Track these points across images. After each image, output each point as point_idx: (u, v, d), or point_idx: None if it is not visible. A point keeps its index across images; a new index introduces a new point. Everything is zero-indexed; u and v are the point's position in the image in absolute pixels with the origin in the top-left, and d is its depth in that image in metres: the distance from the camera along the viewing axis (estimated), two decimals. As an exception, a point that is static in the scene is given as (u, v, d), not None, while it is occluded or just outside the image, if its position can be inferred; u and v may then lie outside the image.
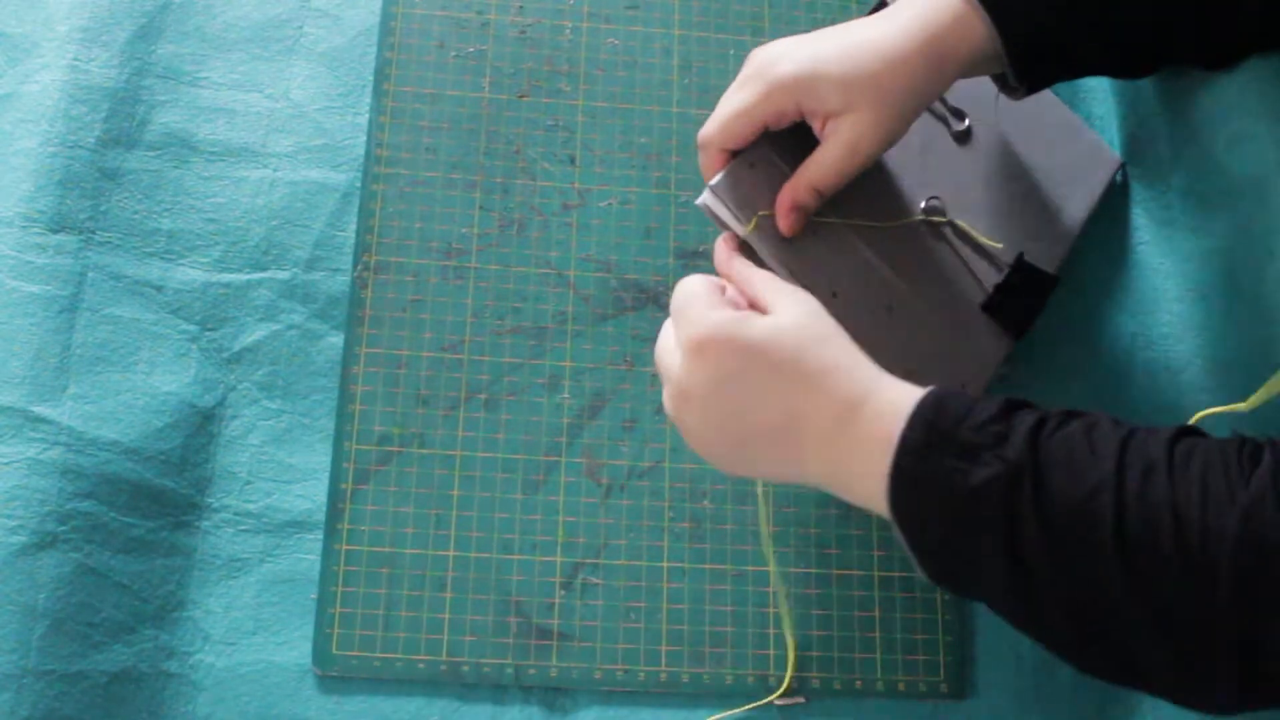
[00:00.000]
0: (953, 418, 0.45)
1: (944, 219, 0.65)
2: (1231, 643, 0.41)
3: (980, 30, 0.54)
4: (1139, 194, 0.71)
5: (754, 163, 0.58)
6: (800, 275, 0.58)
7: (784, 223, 0.56)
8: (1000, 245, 0.66)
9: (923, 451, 0.45)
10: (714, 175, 0.57)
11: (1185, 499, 0.41)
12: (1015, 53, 0.55)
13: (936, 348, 0.60)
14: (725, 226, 0.58)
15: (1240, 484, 0.41)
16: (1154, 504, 0.42)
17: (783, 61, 0.54)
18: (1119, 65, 0.61)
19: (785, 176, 0.57)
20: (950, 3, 0.54)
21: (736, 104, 0.55)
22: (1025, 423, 0.45)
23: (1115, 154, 0.72)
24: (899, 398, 0.47)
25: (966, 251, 0.65)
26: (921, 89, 0.55)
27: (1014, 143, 0.69)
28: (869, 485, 0.47)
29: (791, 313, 0.50)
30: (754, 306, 0.52)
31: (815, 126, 0.55)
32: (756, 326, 0.49)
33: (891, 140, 0.55)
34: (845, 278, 0.60)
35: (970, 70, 0.56)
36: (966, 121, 0.67)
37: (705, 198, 0.58)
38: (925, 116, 0.66)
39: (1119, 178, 0.72)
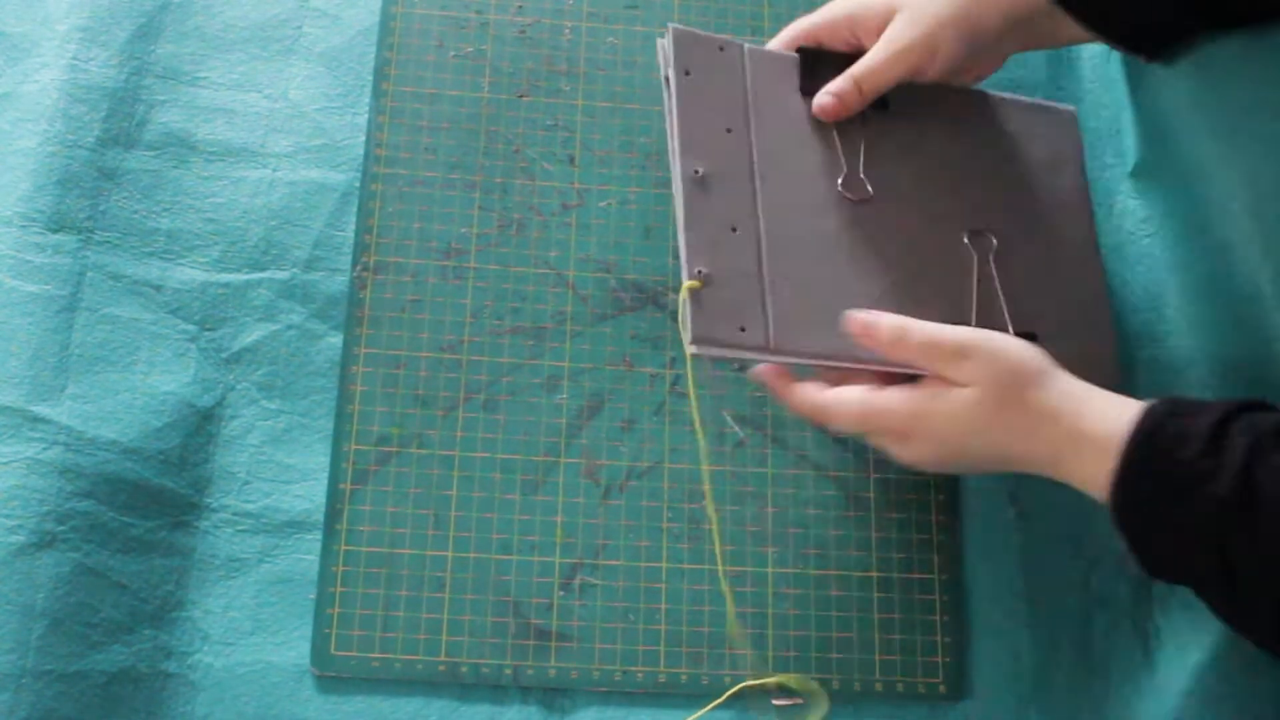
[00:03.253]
0: (1164, 449, 0.49)
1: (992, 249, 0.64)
2: None
3: None
4: (1145, 186, 0.71)
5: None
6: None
7: (821, 101, 0.62)
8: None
9: (1138, 488, 0.49)
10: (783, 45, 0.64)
11: None
12: None
13: None
14: (723, 357, 0.59)
15: None
16: None
17: None
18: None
19: (755, 285, 0.58)
20: None
21: (809, 17, 0.64)
22: (1237, 451, 0.47)
23: (1066, 107, 0.70)
24: (1109, 433, 0.50)
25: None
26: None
27: (980, 167, 0.67)
28: (1093, 493, 0.51)
29: (982, 378, 0.53)
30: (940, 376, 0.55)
31: (869, 42, 0.62)
32: (954, 402, 0.53)
33: (930, 46, 0.60)
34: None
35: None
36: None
37: (692, 349, 0.57)
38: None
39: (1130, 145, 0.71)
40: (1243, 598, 0.48)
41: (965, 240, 0.63)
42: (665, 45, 0.62)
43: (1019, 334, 0.61)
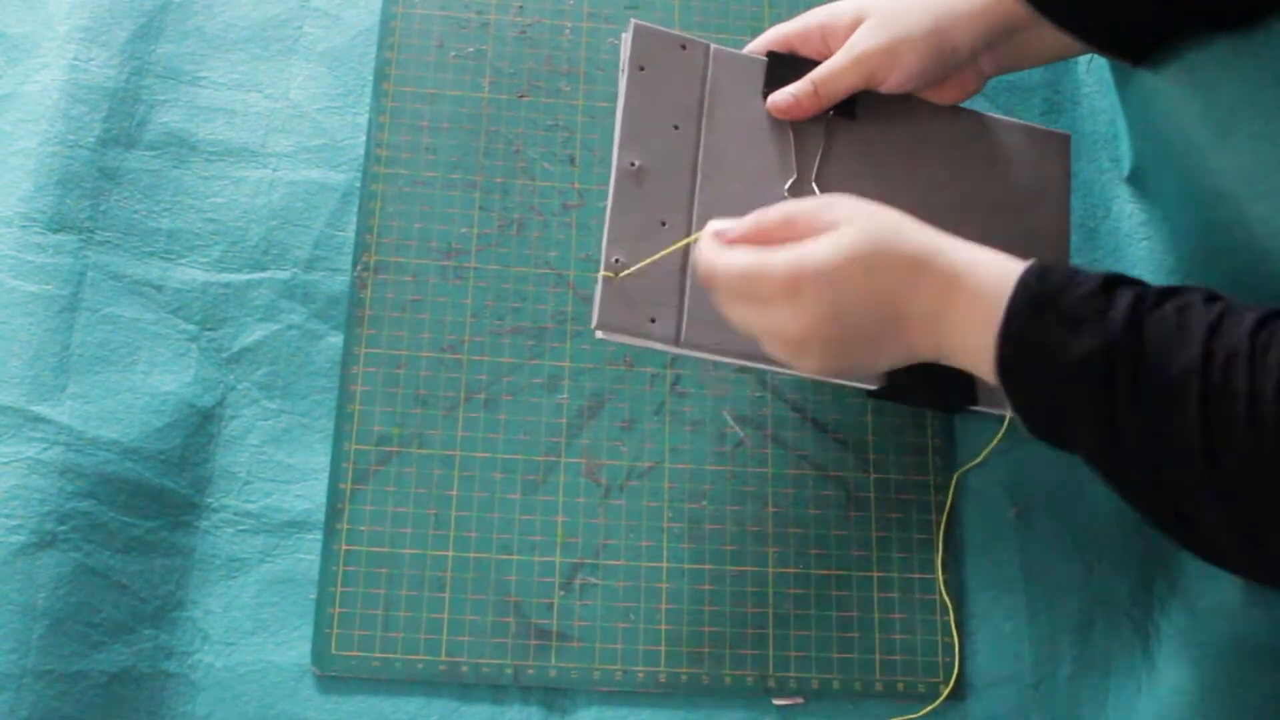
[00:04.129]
0: (1056, 288, 0.48)
1: None
2: None
3: None
4: (1141, 189, 0.71)
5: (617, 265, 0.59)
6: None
7: (777, 99, 0.62)
8: None
9: (1028, 321, 0.48)
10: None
11: (1261, 390, 0.44)
12: None
13: None
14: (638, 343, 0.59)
15: None
16: (1234, 392, 0.44)
17: None
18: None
19: (675, 279, 0.59)
20: None
21: (784, 25, 0.64)
22: (1125, 299, 0.47)
23: (1061, 131, 0.69)
24: (997, 271, 0.50)
25: None
26: (933, 11, 0.60)
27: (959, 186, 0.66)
28: (976, 356, 0.50)
29: (853, 222, 0.51)
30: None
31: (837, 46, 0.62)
32: (834, 243, 0.50)
33: (890, 55, 0.60)
34: None
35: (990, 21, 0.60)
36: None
37: (598, 334, 0.58)
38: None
39: (1124, 161, 0.70)
40: (1123, 455, 0.48)
41: None
42: (626, 39, 0.62)
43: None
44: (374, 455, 0.63)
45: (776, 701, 0.61)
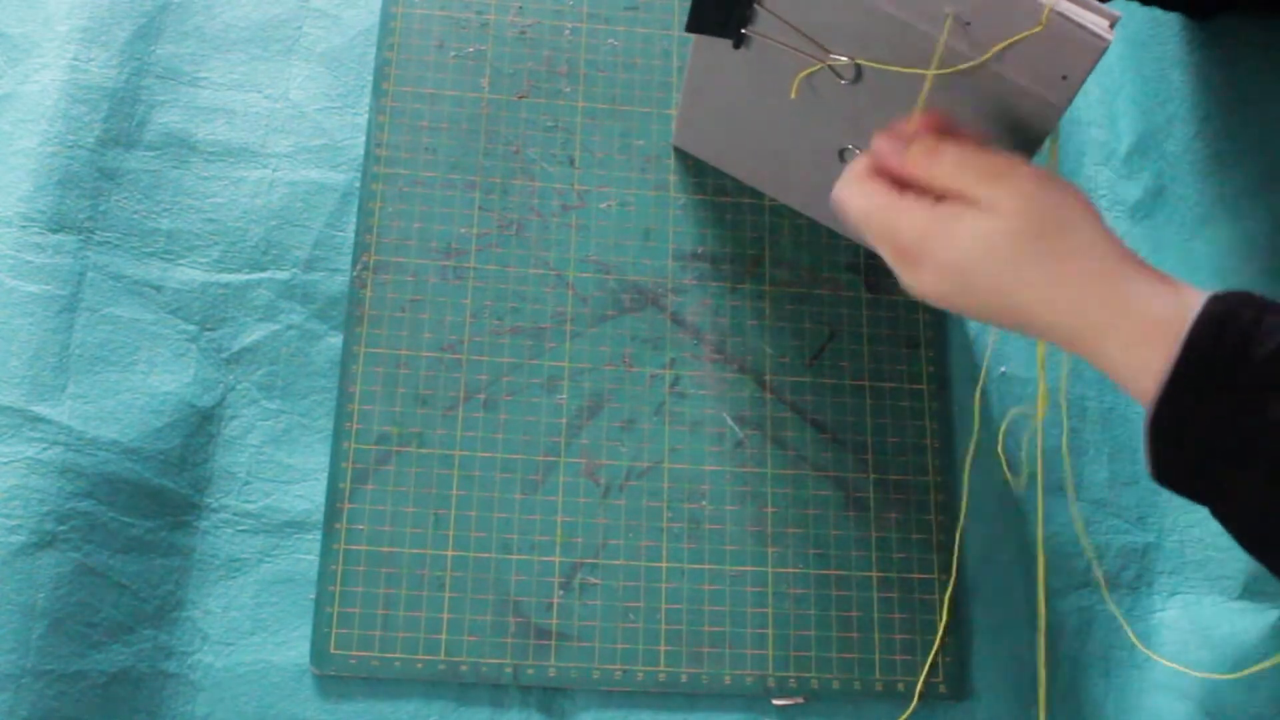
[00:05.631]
0: (1236, 346, 0.40)
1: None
2: None
3: None
4: (1138, 168, 0.72)
5: None
6: None
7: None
8: None
9: (1196, 388, 0.41)
10: None
11: None
12: None
13: None
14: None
15: None
16: None
17: None
18: None
19: None
20: None
21: None
22: None
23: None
24: (1165, 310, 0.42)
25: None
26: None
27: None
28: (1126, 378, 0.44)
29: (1020, 200, 0.45)
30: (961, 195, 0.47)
31: None
32: (979, 225, 0.45)
33: None
34: None
35: None
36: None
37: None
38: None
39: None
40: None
41: None
42: None
43: None
44: (374, 455, 0.63)
45: (776, 702, 0.61)
